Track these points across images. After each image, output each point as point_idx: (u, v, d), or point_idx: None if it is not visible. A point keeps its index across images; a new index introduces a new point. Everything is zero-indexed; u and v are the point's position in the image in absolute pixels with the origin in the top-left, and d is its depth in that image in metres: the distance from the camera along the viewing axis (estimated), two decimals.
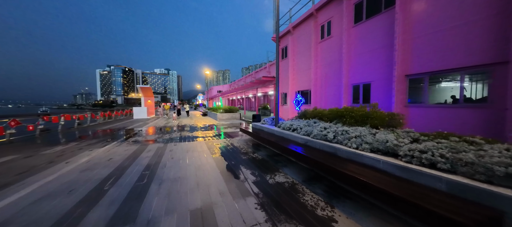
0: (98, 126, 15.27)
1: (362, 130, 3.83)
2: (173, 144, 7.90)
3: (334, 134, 4.15)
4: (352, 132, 3.90)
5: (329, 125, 4.67)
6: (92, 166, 5.20)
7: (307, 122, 5.83)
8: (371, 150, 3.32)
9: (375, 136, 3.45)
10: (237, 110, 20.42)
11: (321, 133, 4.51)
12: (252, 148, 7.01)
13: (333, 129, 4.36)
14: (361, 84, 8.77)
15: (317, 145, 4.47)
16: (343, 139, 3.89)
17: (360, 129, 3.93)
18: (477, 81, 6.12)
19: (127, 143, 8.25)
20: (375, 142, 3.27)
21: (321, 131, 4.59)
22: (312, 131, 4.89)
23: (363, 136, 3.60)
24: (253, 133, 7.84)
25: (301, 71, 13.42)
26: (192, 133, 11.01)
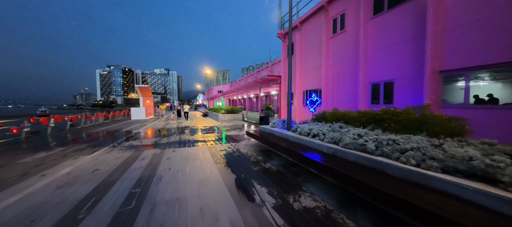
0: (92, 127, 14.34)
1: (419, 140, 2.92)
2: (172, 150, 6.97)
3: (375, 144, 3.23)
4: (403, 141, 2.99)
5: (364, 132, 3.75)
6: (71, 180, 4.27)
7: (330, 126, 4.92)
8: (442, 169, 2.41)
9: (445, 150, 2.53)
10: (239, 111, 19.49)
11: (356, 141, 3.59)
12: (262, 155, 6.08)
13: (372, 137, 3.44)
14: (382, 83, 7.84)
15: (351, 157, 3.56)
16: (391, 151, 2.97)
17: (414, 138, 3.02)
18: None
19: (119, 149, 7.32)
20: (449, 158, 2.35)
21: (355, 138, 3.67)
22: (341, 138, 3.97)
23: (423, 148, 2.69)
24: (262, 137, 6.93)
25: (310, 70, 12.49)
26: (192, 136, 10.09)
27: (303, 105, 13.41)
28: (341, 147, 3.82)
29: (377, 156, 3.12)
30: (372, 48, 8.23)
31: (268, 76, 15.79)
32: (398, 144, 2.99)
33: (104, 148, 7.42)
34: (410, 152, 2.71)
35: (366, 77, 8.50)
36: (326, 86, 10.86)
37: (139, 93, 25.10)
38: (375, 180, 2.78)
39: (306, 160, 4.30)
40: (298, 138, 5.22)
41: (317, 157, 4.10)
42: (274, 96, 32.16)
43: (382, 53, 7.84)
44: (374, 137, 3.42)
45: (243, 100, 46.94)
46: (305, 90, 13.10)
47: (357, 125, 4.52)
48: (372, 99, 8.31)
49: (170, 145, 7.83)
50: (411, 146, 2.78)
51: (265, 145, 7.06)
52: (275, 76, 16.18)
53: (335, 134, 4.23)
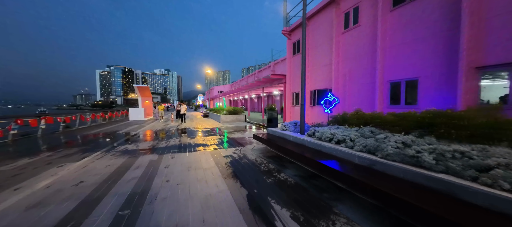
0: (88, 129, 13.59)
1: (505, 153, 2.17)
2: (170, 156, 6.21)
3: (434, 157, 2.48)
4: (478, 155, 2.25)
5: (410, 139, 3.00)
6: (48, 197, 3.52)
7: (358, 131, 4.18)
8: None
9: None
10: (242, 112, 18.75)
11: (401, 151, 2.84)
12: (274, 163, 5.32)
13: (425, 147, 2.70)
14: (403, 81, 7.09)
15: (398, 172, 2.80)
16: (461, 167, 2.22)
17: (495, 150, 2.28)
18: None
19: (112, 154, 6.57)
20: None
21: (400, 148, 2.93)
22: (378, 146, 3.22)
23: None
24: (271, 142, 6.19)
25: (318, 68, 11.74)
26: (193, 138, 9.33)
27: (310, 106, 12.67)
28: (381, 158, 3.07)
29: (439, 173, 2.37)
30: (391, 43, 7.48)
31: (272, 75, 15.05)
32: (471, 157, 2.25)
33: (95, 153, 6.67)
34: (496, 170, 1.97)
35: (384, 75, 7.75)
36: (337, 86, 10.11)
37: (138, 93, 24.37)
38: (440, 206, 2.04)
39: (331, 172, 3.56)
40: (319, 145, 4.47)
41: (347, 169, 3.35)
42: (276, 96, 31.43)
43: (403, 49, 7.09)
44: (428, 146, 2.68)
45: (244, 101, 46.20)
46: (312, 90, 12.35)
47: (396, 130, 3.76)
48: (392, 100, 7.55)
49: (169, 150, 7.08)
50: (497, 162, 2.04)
51: (276, 150, 6.31)
52: (280, 75, 15.44)
53: (368, 141, 3.48)
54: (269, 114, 20.15)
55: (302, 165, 4.82)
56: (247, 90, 25.48)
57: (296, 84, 14.14)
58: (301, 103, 6.07)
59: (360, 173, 3.14)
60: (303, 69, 6.06)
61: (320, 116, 11.40)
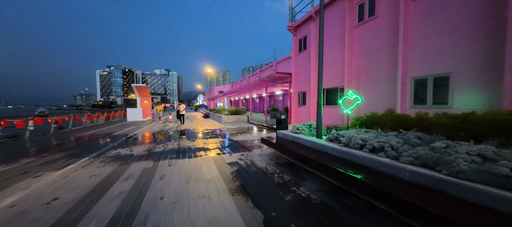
0: (82, 130, 12.79)
1: None
2: (167, 164, 5.40)
3: None
4: None
5: (491, 151, 2.20)
6: (5, 223, 2.72)
7: (398, 136, 3.39)
8: None
9: None
10: (244, 112, 17.95)
11: (480, 168, 2.04)
12: (289, 173, 4.51)
13: None
14: (430, 78, 6.28)
15: (485, 198, 2.00)
16: None
17: None
18: None
19: (101, 160, 5.77)
20: None
21: (476, 162, 2.13)
22: (441, 159, 2.41)
23: None
24: (282, 147, 5.40)
25: (328, 65, 10.94)
26: (193, 142, 8.52)
27: None
28: (447, 175, 2.27)
29: None
30: (416, 35, 6.67)
31: (277, 74, 14.25)
32: None
33: (82, 159, 5.87)
34: None
35: (406, 71, 6.94)
36: (350, 84, 9.30)
37: (137, 93, 23.59)
38: None
39: (368, 189, 2.76)
40: (347, 153, 3.66)
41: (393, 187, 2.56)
42: (278, 96, 30.63)
43: (431, 41, 6.28)
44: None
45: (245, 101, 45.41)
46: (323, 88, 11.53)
47: (462, 137, 2.92)
48: (415, 99, 6.75)
49: (165, 155, 6.27)
50: None
51: (287, 156, 5.50)
52: (285, 73, 14.63)
53: (420, 151, 2.69)
54: (272, 114, 19.34)
55: (324, 176, 4.01)
56: (248, 90, 24.70)
57: (303, 83, 13.34)
58: (318, 103, 5.27)
59: (415, 193, 2.34)
60: (320, 64, 5.26)
61: (332, 117, 10.58)
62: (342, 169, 3.31)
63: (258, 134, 10.66)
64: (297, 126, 5.83)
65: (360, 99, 5.14)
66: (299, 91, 13.74)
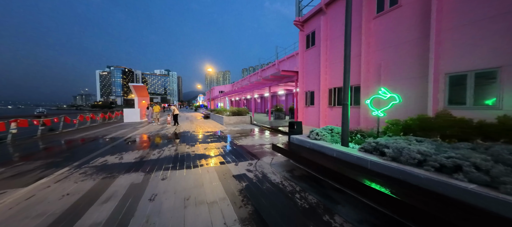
0: (73, 133, 11.85)
1: None
2: (161, 177, 4.46)
3: None
4: None
5: None
6: None
7: (478, 149, 2.47)
8: None
9: None
10: (246, 113, 17.01)
11: None
12: (313, 191, 3.58)
13: None
14: (471, 73, 5.35)
15: None
16: None
17: None
18: None
19: (82, 171, 4.83)
20: None
21: None
22: None
23: None
24: (297, 155, 4.47)
25: (339, 62, 10.00)
26: (193, 147, 7.58)
27: (328, 107, 10.93)
28: None
29: None
30: (453, 23, 5.73)
31: (282, 72, 13.31)
32: None
33: (60, 170, 4.93)
34: None
35: (439, 66, 6.00)
36: (367, 82, 8.36)
37: (134, 93, 22.65)
38: None
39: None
40: (398, 170, 2.70)
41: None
42: (281, 96, 29.67)
43: (473, 29, 5.34)
44: None
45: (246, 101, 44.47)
46: (331, 88, 10.61)
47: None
48: (451, 99, 5.81)
49: (160, 164, 5.33)
50: None
51: (305, 167, 4.57)
52: (291, 71, 13.69)
53: None
54: (276, 115, 18.40)
55: (363, 198, 3.08)
56: (250, 90, 23.77)
57: (311, 81, 12.40)
58: (343, 103, 4.32)
59: None
60: (346, 55, 4.30)
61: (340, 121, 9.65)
62: (394, 193, 2.38)
63: (264, 137, 9.72)
64: (317, 131, 4.88)
65: (397, 98, 4.20)
66: (307, 90, 12.80)
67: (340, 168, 3.39)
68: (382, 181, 2.76)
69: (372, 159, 3.12)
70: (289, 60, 25.44)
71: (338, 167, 3.44)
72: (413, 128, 3.68)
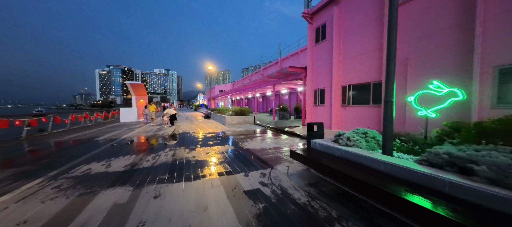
0: (62, 134, 10.91)
1: None
2: (153, 193, 3.52)
3: None
4: None
5: None
6: None
7: None
8: None
9: None
10: (250, 112, 16.08)
11: None
12: (357, 219, 2.66)
13: None
14: None
15: None
16: None
17: None
18: None
19: (57, 184, 3.90)
20: None
21: None
22: None
23: None
24: (320, 164, 3.56)
25: (356, 57, 9.07)
26: (193, 151, 6.64)
27: (341, 106, 9.99)
28: None
29: None
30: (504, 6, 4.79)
31: (289, 69, 12.34)
32: None
33: (30, 183, 3.99)
34: None
35: (485, 58, 5.06)
36: None
37: (132, 91, 21.69)
38: None
39: None
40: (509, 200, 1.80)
41: None
42: (284, 95, 28.71)
43: None
44: None
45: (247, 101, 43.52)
46: (346, 85, 9.67)
47: None
48: (500, 97, 4.87)
49: (154, 175, 4.40)
50: None
51: (336, 181, 3.65)
52: (299, 68, 12.75)
53: None
54: (280, 114, 17.45)
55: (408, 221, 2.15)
56: (253, 88, 22.83)
57: (321, 78, 11.46)
58: (386, 100, 3.39)
59: None
60: (391, 38, 3.36)
61: (361, 119, 8.72)
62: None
63: (271, 139, 8.78)
64: (347, 135, 3.94)
65: (460, 94, 3.25)
66: (316, 88, 11.85)
67: (394, 187, 2.46)
68: (477, 214, 1.83)
69: (452, 179, 2.18)
70: (293, 58, 24.50)
71: (389, 186, 2.51)
72: (494, 133, 2.74)
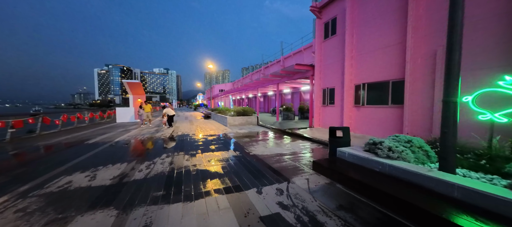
0: (52, 136, 10.08)
1: None
2: (143, 221, 2.71)
3: None
4: None
5: None
6: None
7: None
8: None
9: None
10: (252, 113, 15.27)
11: None
12: None
13: None
14: None
15: None
16: None
17: None
18: None
19: (23, 206, 3.09)
20: None
21: None
22: None
23: None
24: (350, 179, 2.78)
25: (373, 52, 8.27)
26: (193, 158, 5.83)
27: (354, 106, 9.20)
28: None
29: None
30: None
31: (296, 66, 11.53)
32: None
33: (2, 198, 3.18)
34: None
35: None
36: (414, 76, 6.63)
37: (129, 91, 20.84)
38: None
39: None
40: None
41: None
42: (286, 95, 27.91)
43: None
44: None
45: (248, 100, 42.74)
46: (359, 84, 8.87)
47: None
48: None
49: (146, 191, 3.58)
50: None
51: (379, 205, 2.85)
52: (306, 65, 11.94)
53: None
54: (285, 115, 16.66)
55: None
56: (255, 88, 22.02)
57: (330, 76, 10.67)
58: (446, 100, 2.58)
59: None
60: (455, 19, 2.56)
61: (378, 122, 7.95)
62: None
63: (279, 142, 7.97)
64: (387, 144, 3.12)
65: None
66: (325, 87, 11.06)
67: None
68: None
69: None
70: (296, 56, 23.69)
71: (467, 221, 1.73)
72: None
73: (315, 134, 8.97)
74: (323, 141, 7.51)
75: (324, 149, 6.86)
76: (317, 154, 6.23)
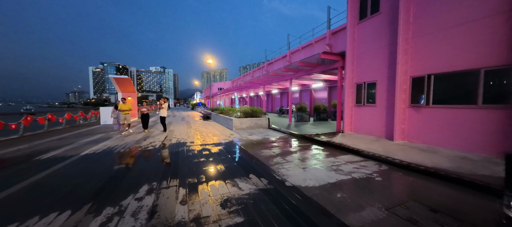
0: (6, 144, 7.50)
1: None
2: None
3: None
4: None
5: None
6: None
7: None
8: None
9: None
10: (262, 113, 12.84)
11: None
12: None
13: None
14: None
15: None
16: None
17: None
18: None
19: None
20: None
21: None
22: None
23: None
24: None
25: (446, 30, 5.90)
26: (192, 196, 3.37)
27: (410, 106, 6.82)
28: None
29: None
30: None
31: (322, 55, 9.09)
32: None
33: None
34: None
35: None
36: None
37: (117, 88, 18.24)
38: None
39: None
40: None
41: None
42: (294, 93, 25.52)
43: None
44: None
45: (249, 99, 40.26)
46: (421, 75, 6.50)
47: None
48: None
49: None
50: None
51: None
52: (335, 55, 9.51)
53: None
54: (299, 116, 14.25)
55: None
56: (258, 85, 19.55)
57: (367, 68, 8.30)
58: None
59: None
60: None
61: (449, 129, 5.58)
62: None
63: (319, 159, 5.55)
64: None
65: None
66: (360, 82, 8.67)
67: None
68: None
69: None
70: (305, 50, 21.22)
71: None
72: None
73: (359, 145, 6.57)
74: (382, 158, 5.12)
75: (396, 171, 4.46)
76: (397, 183, 3.84)
